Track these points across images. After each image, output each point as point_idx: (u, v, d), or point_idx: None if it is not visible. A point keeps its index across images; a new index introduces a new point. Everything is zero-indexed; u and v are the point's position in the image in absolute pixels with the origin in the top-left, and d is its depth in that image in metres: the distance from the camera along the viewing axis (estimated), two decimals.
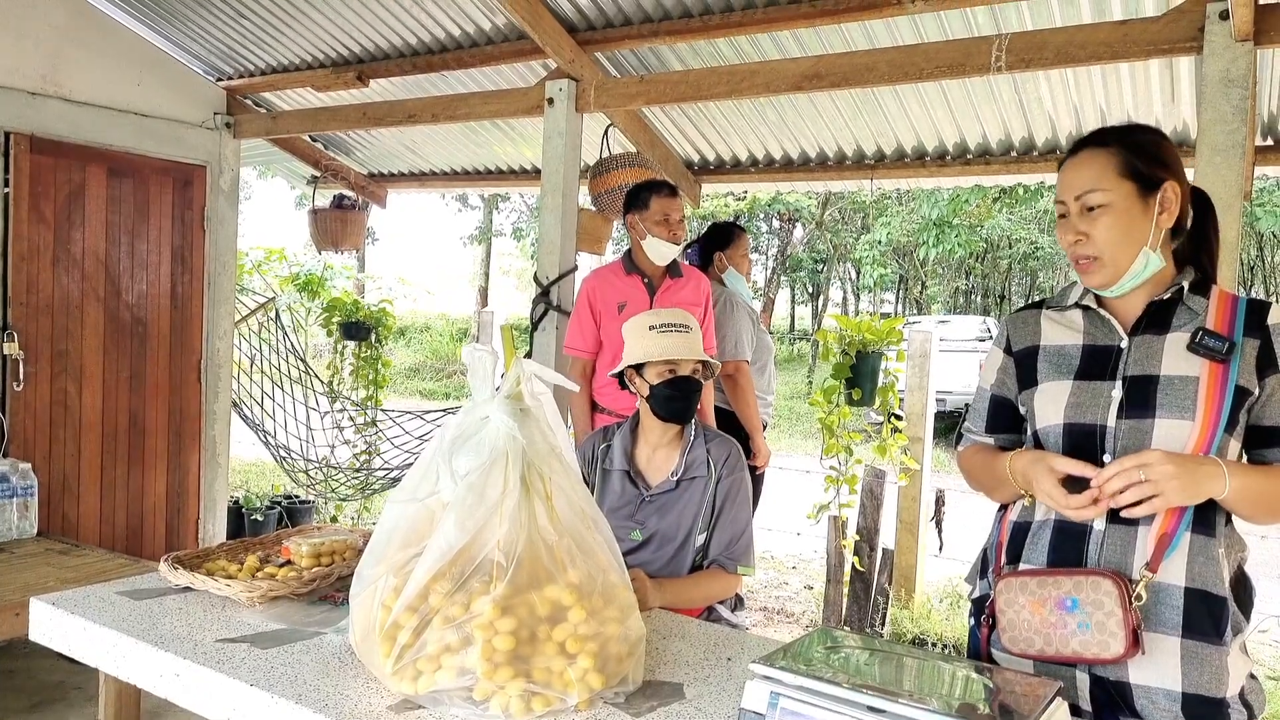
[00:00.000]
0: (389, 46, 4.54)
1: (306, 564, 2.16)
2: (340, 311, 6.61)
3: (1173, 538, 1.59)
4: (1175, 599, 1.59)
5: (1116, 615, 1.54)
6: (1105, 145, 1.69)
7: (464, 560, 1.53)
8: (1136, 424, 1.63)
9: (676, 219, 3.71)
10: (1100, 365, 1.71)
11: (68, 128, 4.44)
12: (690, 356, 2.45)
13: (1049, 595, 1.61)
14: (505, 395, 1.64)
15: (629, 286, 3.72)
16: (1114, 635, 1.55)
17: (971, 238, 20.30)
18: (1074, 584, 1.59)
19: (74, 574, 3.30)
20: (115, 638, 1.81)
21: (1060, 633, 1.60)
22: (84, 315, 4.58)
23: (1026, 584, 1.65)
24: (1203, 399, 1.60)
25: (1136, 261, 1.66)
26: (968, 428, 1.97)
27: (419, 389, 20.13)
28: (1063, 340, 1.77)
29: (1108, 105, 3.99)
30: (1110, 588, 1.56)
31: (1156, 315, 1.70)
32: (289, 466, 6.21)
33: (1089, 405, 1.68)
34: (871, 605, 5.17)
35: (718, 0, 3.63)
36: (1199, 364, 1.62)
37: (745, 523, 2.48)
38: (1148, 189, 1.66)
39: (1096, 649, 1.56)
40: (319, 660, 1.70)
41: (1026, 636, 1.64)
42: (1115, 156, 1.67)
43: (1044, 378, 1.76)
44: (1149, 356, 1.66)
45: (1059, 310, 1.81)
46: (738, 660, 1.79)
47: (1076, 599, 1.58)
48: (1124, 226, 1.65)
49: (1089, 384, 1.70)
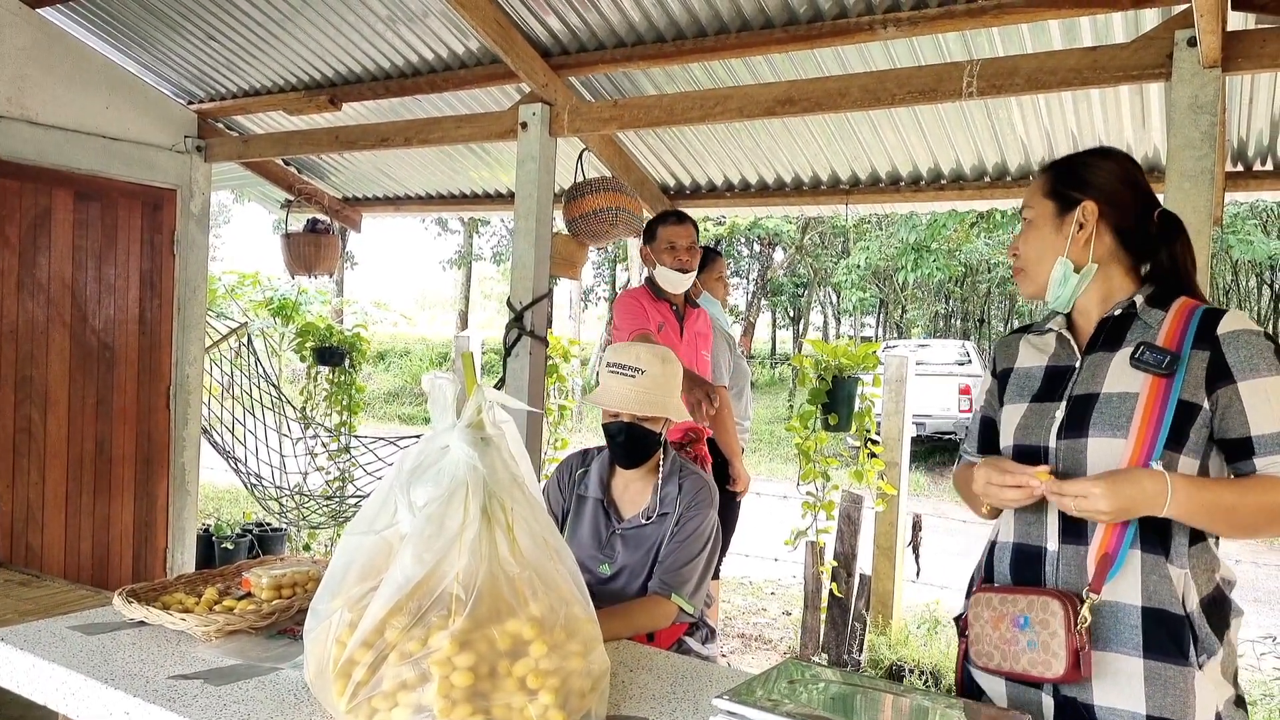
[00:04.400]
0: (361, 70, 4.52)
1: (267, 596, 2.11)
2: (314, 336, 6.55)
3: (1115, 558, 1.59)
4: (1132, 618, 1.59)
5: (1060, 636, 1.56)
6: (1049, 169, 1.83)
7: (422, 594, 1.49)
8: (1072, 444, 1.66)
9: (684, 245, 3.76)
10: (1054, 386, 1.76)
11: (33, 151, 4.38)
12: (618, 408, 2.36)
13: (1006, 612, 1.65)
14: (466, 424, 1.60)
15: (661, 311, 3.80)
16: (1056, 655, 1.57)
17: (950, 262, 20.46)
18: (1028, 603, 1.63)
19: (33, 606, 3.21)
20: (65, 675, 1.75)
21: (1012, 649, 1.63)
22: (49, 341, 4.50)
23: (991, 600, 1.70)
24: (1139, 416, 1.60)
25: (1054, 272, 1.76)
26: (964, 448, 2.02)
27: (398, 414, 20.01)
28: (1031, 363, 1.84)
29: (1079, 131, 4.01)
30: (1056, 608, 1.58)
31: (1112, 332, 1.73)
32: (260, 494, 6.12)
33: (1034, 427, 1.74)
34: (849, 631, 5.13)
35: (690, 25, 3.63)
36: (1141, 379, 1.63)
37: (693, 556, 2.37)
38: (1065, 207, 1.76)
39: (1041, 668, 1.59)
40: (274, 697, 1.65)
41: (987, 651, 1.68)
42: (1045, 177, 1.82)
43: (1007, 400, 1.84)
44: (1095, 375, 1.70)
45: (1038, 334, 1.87)
46: (704, 694, 1.75)
47: (1028, 617, 1.62)
48: (1039, 240, 1.78)
49: (1040, 405, 1.76)
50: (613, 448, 2.43)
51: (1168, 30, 2.73)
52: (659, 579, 2.35)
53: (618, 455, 2.42)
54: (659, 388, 2.38)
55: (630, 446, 2.39)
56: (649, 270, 3.86)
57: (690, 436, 3.49)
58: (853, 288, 22.48)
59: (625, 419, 2.37)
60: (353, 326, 6.84)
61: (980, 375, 15.33)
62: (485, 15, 3.59)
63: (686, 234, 3.79)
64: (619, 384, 2.37)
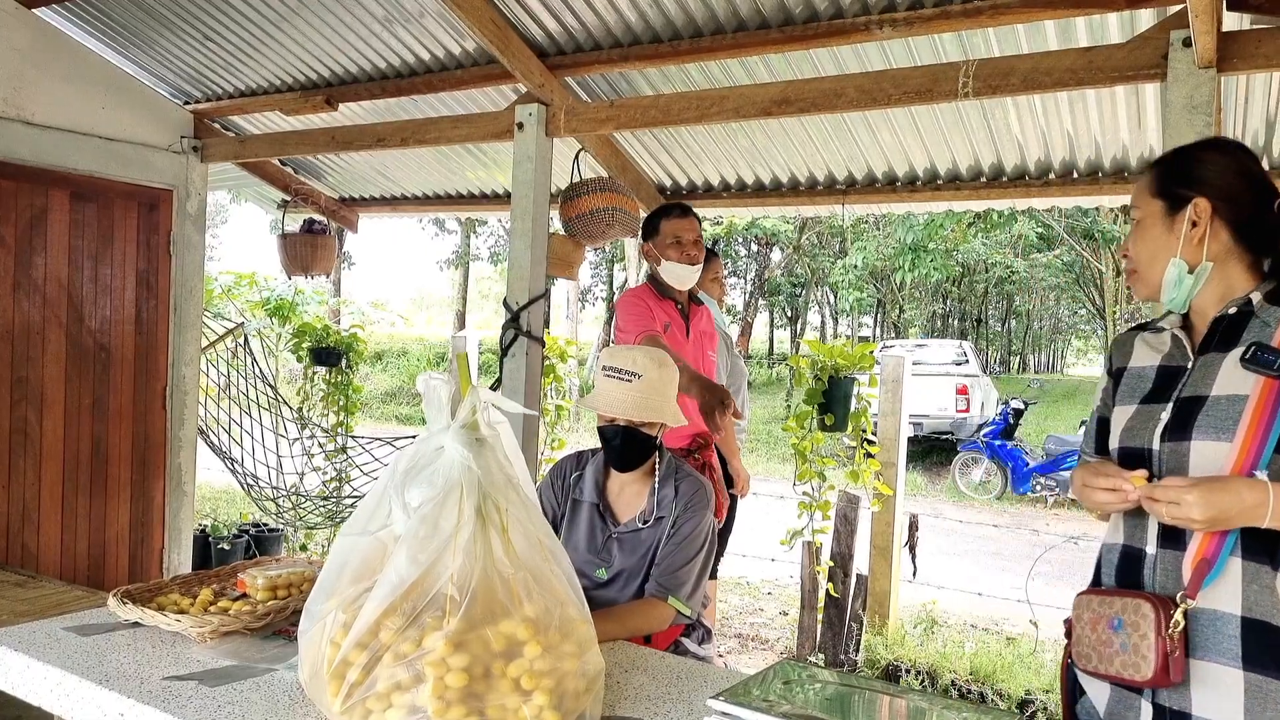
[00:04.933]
0: (358, 70, 4.51)
1: (262, 597, 2.11)
2: (311, 337, 6.55)
3: (1213, 564, 1.55)
4: (1231, 628, 1.54)
5: (1149, 639, 1.54)
6: (1155, 165, 1.78)
7: (416, 595, 1.49)
8: (1176, 446, 1.62)
9: (690, 239, 3.63)
10: (1165, 387, 1.71)
11: (29, 151, 4.38)
12: (613, 413, 2.36)
13: (1103, 614, 1.64)
14: (460, 425, 1.60)
15: (667, 310, 3.69)
16: (1145, 658, 1.54)
17: (947, 262, 20.48)
18: (1122, 605, 1.61)
19: (28, 607, 3.21)
20: (59, 676, 1.75)
21: (1106, 651, 1.62)
22: (45, 341, 4.50)
23: (1091, 602, 1.68)
24: (1247, 419, 1.55)
25: (1168, 273, 1.71)
26: (1082, 448, 1.96)
27: (395, 414, 20.01)
28: (1144, 362, 1.79)
29: (1075, 131, 4.02)
30: (1148, 611, 1.55)
31: (1227, 332, 1.67)
32: (257, 494, 6.12)
33: (1140, 429, 1.70)
34: (845, 631, 5.14)
35: (687, 25, 3.63)
36: (1253, 381, 1.57)
37: (689, 559, 2.37)
38: (1175, 206, 1.71)
39: (1131, 670, 1.57)
40: (268, 698, 1.65)
41: (1086, 653, 1.67)
42: (1152, 175, 1.76)
43: (1118, 401, 1.80)
44: (1205, 377, 1.65)
45: (1154, 333, 1.82)
46: (700, 695, 1.75)
47: (1122, 619, 1.59)
48: (1152, 241, 1.73)
49: (1147, 407, 1.71)
50: (608, 451, 2.42)
51: (1163, 31, 2.73)
52: (655, 581, 2.34)
53: (613, 459, 2.42)
54: (655, 392, 2.37)
55: (625, 450, 2.38)
56: (652, 267, 3.74)
57: (698, 443, 3.48)
58: (850, 288, 22.51)
59: (621, 423, 2.36)
60: (349, 327, 6.83)
61: (977, 375, 15.26)
62: (481, 16, 3.59)
63: (691, 226, 3.67)
64: (615, 388, 2.37)
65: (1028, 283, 27.93)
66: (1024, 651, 5.40)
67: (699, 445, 3.50)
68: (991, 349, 35.79)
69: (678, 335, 3.68)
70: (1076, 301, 31.85)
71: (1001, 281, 27.66)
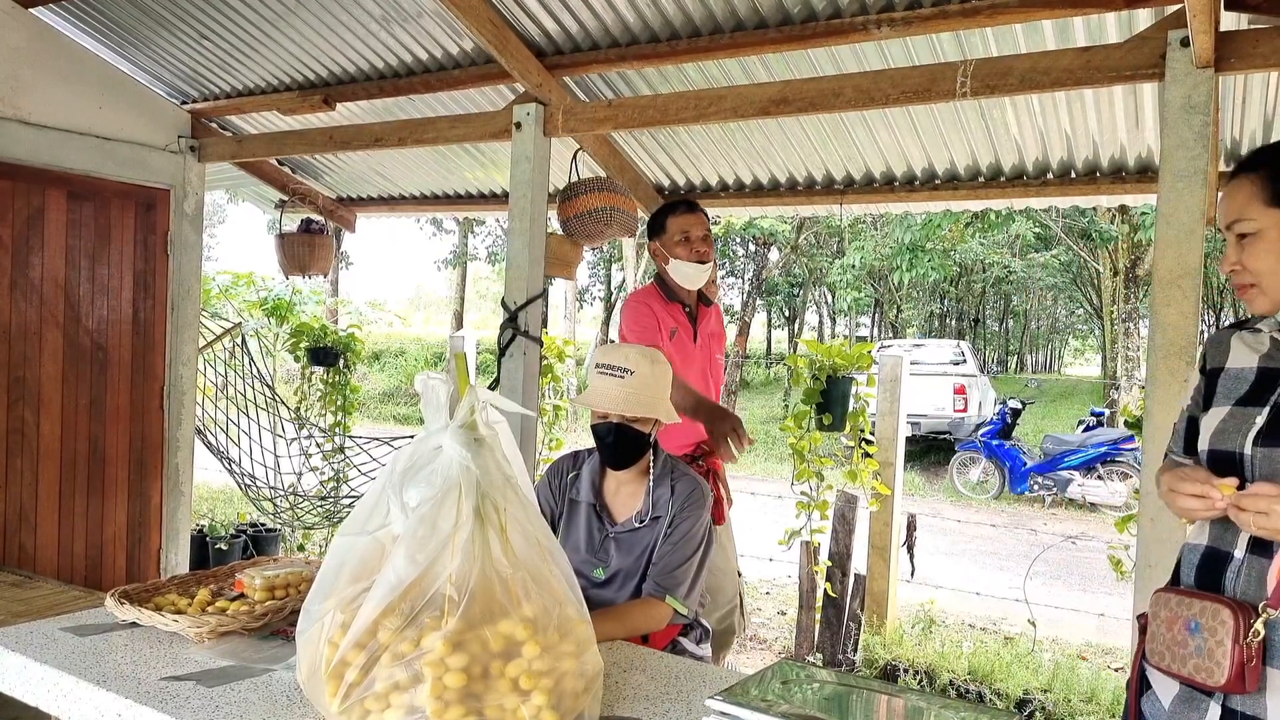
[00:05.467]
0: (355, 70, 4.51)
1: (260, 597, 2.11)
2: (308, 336, 6.54)
3: None
4: None
5: (1226, 645, 1.52)
6: (1254, 170, 1.67)
7: (414, 595, 1.49)
8: (1270, 452, 1.58)
9: (699, 235, 3.53)
10: (1263, 390, 1.66)
11: (26, 151, 4.37)
12: (606, 408, 2.36)
13: (1180, 615, 1.61)
14: (459, 424, 1.60)
15: (673, 314, 3.60)
16: (1219, 664, 1.52)
17: (945, 262, 20.48)
18: (1201, 608, 1.58)
19: (25, 608, 3.21)
20: (56, 676, 1.75)
21: (1181, 652, 1.60)
22: (43, 341, 4.49)
23: (1169, 600, 1.66)
24: None
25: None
26: (1170, 447, 1.91)
27: (393, 414, 20.01)
28: (1243, 364, 1.73)
29: (1073, 131, 4.02)
30: (1226, 617, 1.53)
31: None
32: (254, 495, 6.11)
33: (1232, 432, 1.65)
34: (844, 631, 5.14)
35: (685, 25, 3.63)
36: None
37: (687, 558, 2.37)
38: None
39: (1204, 674, 1.55)
40: (266, 699, 1.65)
41: (1159, 650, 1.65)
42: (1262, 182, 1.65)
43: (1213, 402, 1.74)
44: None
45: (1252, 333, 1.76)
46: (698, 694, 1.75)
47: (1199, 622, 1.57)
48: (1277, 254, 1.63)
49: (1242, 410, 1.66)
50: (601, 449, 2.42)
51: (1161, 30, 2.73)
52: (653, 581, 2.34)
53: (606, 456, 2.42)
54: (648, 388, 2.37)
55: (619, 447, 2.38)
56: (659, 267, 3.65)
57: (703, 449, 3.47)
58: (848, 287, 22.50)
59: (614, 419, 2.36)
60: (347, 327, 6.83)
61: (975, 375, 15.25)
62: (479, 15, 3.58)
63: (700, 222, 3.57)
64: (608, 385, 2.37)
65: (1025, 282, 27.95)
66: (1022, 651, 5.41)
67: (704, 452, 3.48)
68: (989, 349, 35.84)
69: (685, 340, 3.60)
70: (1074, 301, 31.88)
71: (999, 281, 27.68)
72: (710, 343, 3.72)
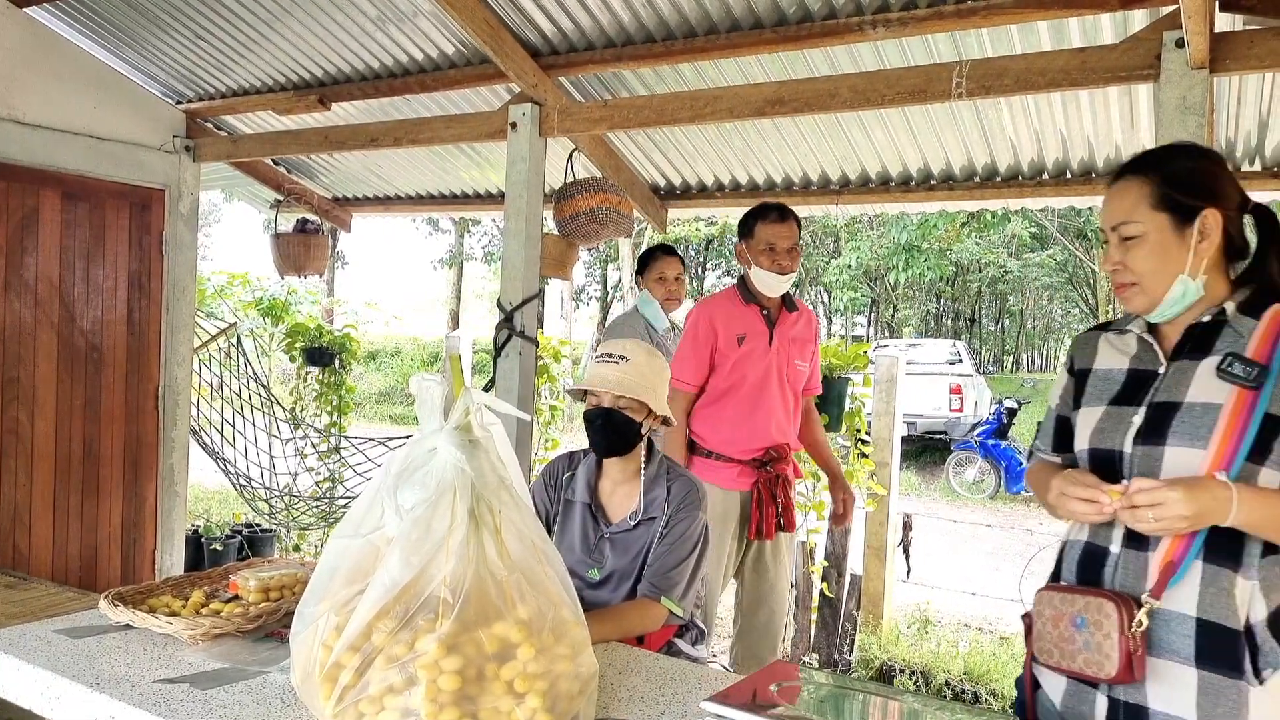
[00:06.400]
0: (351, 70, 4.50)
1: (254, 599, 2.10)
2: (304, 337, 6.53)
3: (1179, 566, 1.57)
4: (1186, 629, 1.58)
5: (1113, 638, 1.56)
6: (1142, 173, 1.70)
7: (409, 597, 1.48)
8: (1149, 450, 1.63)
9: (784, 247, 3.45)
10: (1135, 391, 1.71)
11: (20, 150, 4.36)
12: (601, 387, 2.36)
13: (1065, 611, 1.65)
14: (453, 426, 1.59)
15: (748, 317, 3.52)
16: (1109, 656, 1.57)
17: (941, 262, 20.51)
18: (1085, 603, 1.63)
19: (19, 609, 3.20)
20: (50, 678, 1.74)
21: (1069, 648, 1.64)
22: (37, 342, 4.48)
23: (1053, 599, 1.70)
24: (1221, 428, 1.57)
25: (1174, 289, 1.67)
26: (1037, 445, 1.97)
27: (389, 414, 19.98)
28: (1111, 364, 1.79)
29: (1068, 131, 4.02)
30: (1111, 610, 1.58)
31: (1200, 339, 1.68)
32: (249, 495, 6.10)
33: (1111, 431, 1.70)
34: (840, 632, 5.14)
35: (680, 25, 3.63)
36: (1227, 390, 1.59)
37: (682, 559, 2.36)
38: (1184, 219, 1.66)
39: (1094, 668, 1.60)
40: (260, 701, 1.64)
41: (1047, 648, 1.69)
42: (1150, 187, 1.68)
43: (1085, 402, 1.79)
44: (1179, 383, 1.65)
45: (1118, 334, 1.82)
46: (693, 696, 1.75)
47: (1085, 618, 1.62)
48: (1159, 256, 1.66)
49: (1118, 409, 1.71)
50: (592, 434, 2.41)
51: (1156, 31, 2.73)
52: (648, 582, 2.34)
53: (596, 441, 2.40)
54: (642, 376, 2.39)
55: (608, 432, 2.37)
56: (743, 269, 3.57)
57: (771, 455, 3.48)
58: (844, 287, 22.54)
59: (606, 404, 2.37)
60: (343, 327, 6.81)
61: (971, 375, 15.24)
62: (475, 15, 3.58)
63: (789, 233, 3.45)
64: (604, 369, 2.40)
65: (1021, 282, 27.99)
66: (1018, 651, 5.41)
67: (772, 458, 3.48)
68: (985, 348, 35.87)
69: (757, 345, 3.50)
70: (1070, 301, 31.94)
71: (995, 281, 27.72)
72: (789, 348, 3.57)
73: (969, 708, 1.64)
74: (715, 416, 3.51)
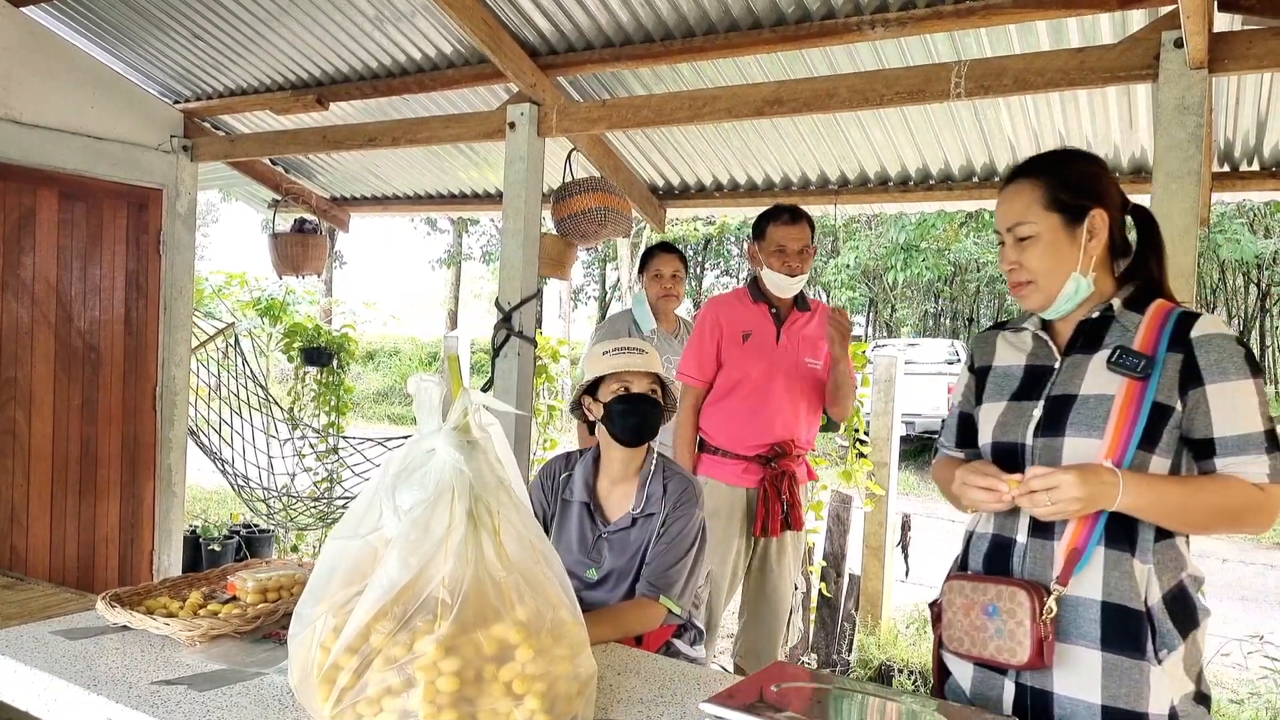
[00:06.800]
0: (349, 70, 4.50)
1: (252, 600, 2.09)
2: (301, 337, 6.52)
3: (1083, 552, 1.64)
4: (1092, 613, 1.65)
5: (1025, 625, 1.62)
6: (1034, 176, 1.78)
7: (407, 598, 1.48)
8: (1049, 442, 1.70)
9: (795, 249, 3.47)
10: (1033, 386, 1.79)
11: (17, 150, 4.35)
12: (635, 367, 2.39)
13: (977, 600, 1.70)
14: (452, 427, 1.59)
15: (755, 315, 3.55)
16: (1021, 644, 1.62)
17: (939, 261, 20.52)
18: (997, 592, 1.68)
19: (17, 610, 3.19)
20: (47, 680, 1.74)
21: (981, 635, 1.68)
22: (34, 342, 4.47)
23: (964, 587, 1.75)
24: (1114, 417, 1.65)
25: (1067, 286, 1.74)
26: (941, 442, 2.05)
27: (387, 413, 19.97)
28: (1009, 361, 1.87)
29: (1067, 131, 4.02)
30: (1023, 599, 1.63)
31: (1090, 334, 1.76)
32: (247, 495, 6.09)
33: (1013, 425, 1.77)
34: (838, 631, 5.14)
35: (679, 25, 3.63)
36: (1118, 382, 1.67)
37: (680, 558, 2.37)
38: (1074, 219, 1.74)
39: (1007, 654, 1.64)
40: (258, 703, 1.63)
41: (958, 636, 1.73)
42: (1041, 189, 1.76)
43: (986, 398, 1.87)
44: (1074, 376, 1.73)
45: (1015, 332, 1.90)
46: (692, 698, 1.74)
47: (996, 606, 1.67)
48: (1052, 255, 1.74)
49: (1018, 404, 1.79)
50: (622, 421, 2.39)
51: (1154, 31, 2.73)
52: (646, 581, 2.34)
53: (632, 426, 2.39)
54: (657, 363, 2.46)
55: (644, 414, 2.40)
56: (755, 269, 3.60)
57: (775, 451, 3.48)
58: (842, 287, 22.53)
59: (638, 390, 2.39)
60: (340, 327, 6.81)
61: None
62: (473, 15, 3.58)
63: (800, 235, 3.48)
64: (628, 358, 2.41)
65: None
66: None
67: (777, 454, 3.48)
68: None
69: (763, 341, 3.52)
70: None
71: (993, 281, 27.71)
72: (798, 347, 3.56)
73: (966, 708, 1.63)
74: (721, 412, 3.54)
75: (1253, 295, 21.60)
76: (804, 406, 3.60)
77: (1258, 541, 9.79)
